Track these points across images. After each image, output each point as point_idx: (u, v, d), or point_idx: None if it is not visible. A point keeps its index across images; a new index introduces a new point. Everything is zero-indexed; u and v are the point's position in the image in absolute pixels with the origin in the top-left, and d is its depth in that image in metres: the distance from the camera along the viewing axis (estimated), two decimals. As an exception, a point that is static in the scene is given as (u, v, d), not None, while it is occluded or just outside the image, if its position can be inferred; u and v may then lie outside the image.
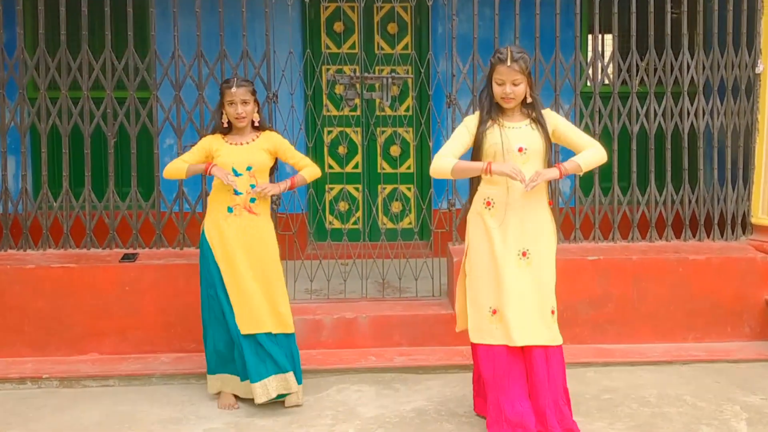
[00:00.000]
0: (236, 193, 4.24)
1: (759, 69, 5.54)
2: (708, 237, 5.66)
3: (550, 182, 3.93)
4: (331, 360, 4.91)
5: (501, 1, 5.41)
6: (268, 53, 5.29)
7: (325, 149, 7.03)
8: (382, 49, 6.84)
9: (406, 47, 7.06)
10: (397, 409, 4.30)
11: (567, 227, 5.58)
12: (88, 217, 5.36)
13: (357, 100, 5.63)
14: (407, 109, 7.06)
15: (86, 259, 5.17)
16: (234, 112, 4.25)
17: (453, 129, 5.36)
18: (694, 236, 5.66)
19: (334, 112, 7.04)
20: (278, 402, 4.33)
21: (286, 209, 5.53)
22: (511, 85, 3.64)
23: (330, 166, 6.99)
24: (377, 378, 4.74)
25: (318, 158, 6.11)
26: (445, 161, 3.73)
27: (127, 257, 5.15)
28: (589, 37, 6.02)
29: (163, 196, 5.42)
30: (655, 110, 5.55)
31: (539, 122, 3.77)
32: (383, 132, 7.02)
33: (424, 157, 7.02)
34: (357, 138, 6.90)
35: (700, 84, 5.55)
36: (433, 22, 6.87)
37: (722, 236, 5.65)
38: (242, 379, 4.31)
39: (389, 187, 6.97)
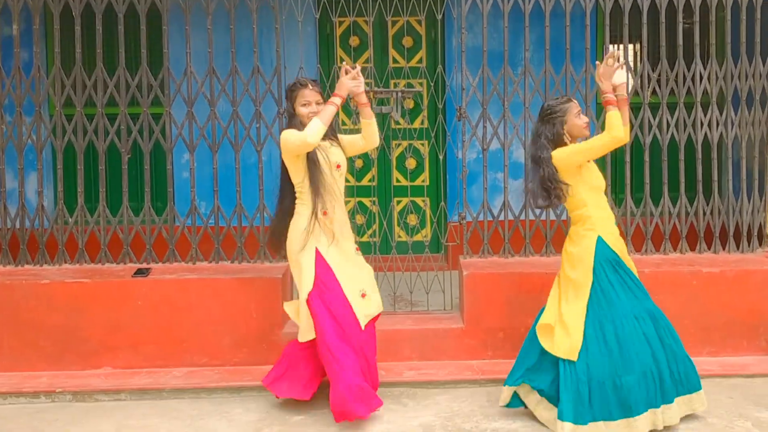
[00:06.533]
0: None
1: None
2: (723, 249, 5.59)
3: None
4: (341, 374, 4.89)
5: (512, 14, 5.41)
6: (279, 69, 5.33)
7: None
8: (397, 62, 6.86)
9: (420, 61, 7.07)
10: (403, 425, 4.29)
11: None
12: (102, 232, 5.45)
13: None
14: (422, 122, 7.07)
15: (100, 274, 5.23)
16: None
17: (463, 142, 5.37)
18: (709, 248, 5.59)
19: (351, 126, 7.07)
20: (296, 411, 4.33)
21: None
22: (315, 104, 4.26)
23: (346, 180, 6.99)
24: (386, 392, 4.72)
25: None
26: (312, 125, 4.10)
27: (140, 272, 5.21)
28: (603, 48, 5.98)
29: (176, 211, 5.49)
30: (667, 121, 5.50)
31: (338, 141, 4.44)
32: (399, 145, 7.03)
33: (438, 170, 7.02)
34: (374, 151, 6.91)
35: (714, 94, 5.49)
36: (447, 35, 6.88)
37: (738, 248, 5.57)
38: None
39: (405, 200, 6.98)
